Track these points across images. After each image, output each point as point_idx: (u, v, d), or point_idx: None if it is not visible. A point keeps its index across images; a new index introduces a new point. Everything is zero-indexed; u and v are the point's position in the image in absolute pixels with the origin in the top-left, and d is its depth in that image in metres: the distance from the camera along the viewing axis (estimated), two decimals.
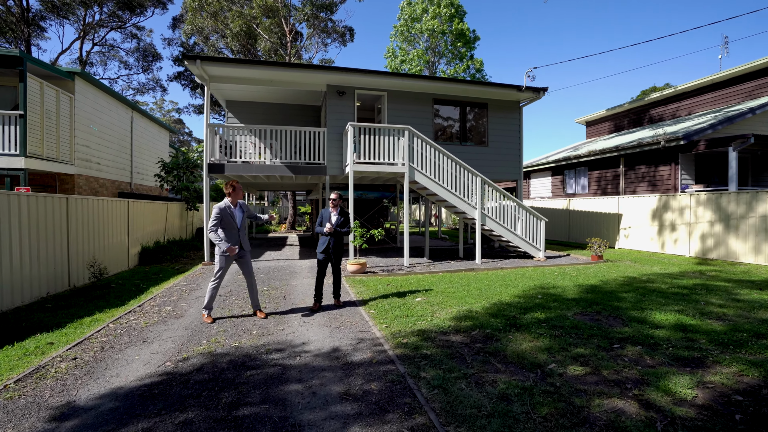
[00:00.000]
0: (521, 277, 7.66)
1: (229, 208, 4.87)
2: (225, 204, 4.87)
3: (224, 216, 4.83)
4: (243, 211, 5.01)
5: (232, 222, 4.88)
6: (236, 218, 4.92)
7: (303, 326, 4.60)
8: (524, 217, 10.15)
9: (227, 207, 4.86)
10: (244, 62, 9.31)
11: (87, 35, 31.10)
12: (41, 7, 29.07)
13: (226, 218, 4.83)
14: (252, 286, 5.14)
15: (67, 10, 29.49)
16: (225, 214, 4.82)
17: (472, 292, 6.32)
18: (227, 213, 4.84)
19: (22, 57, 8.40)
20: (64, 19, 30.28)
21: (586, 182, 17.18)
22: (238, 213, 4.94)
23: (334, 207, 5.49)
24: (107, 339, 4.16)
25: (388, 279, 7.57)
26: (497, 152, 12.02)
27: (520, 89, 11.14)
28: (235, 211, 4.92)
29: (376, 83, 10.55)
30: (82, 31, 30.59)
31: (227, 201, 4.90)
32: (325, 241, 5.40)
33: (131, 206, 9.25)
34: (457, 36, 28.50)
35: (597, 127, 21.77)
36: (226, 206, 4.84)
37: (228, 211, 4.85)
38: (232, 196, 4.89)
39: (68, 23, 30.93)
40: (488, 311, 5.14)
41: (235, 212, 4.92)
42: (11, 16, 27.61)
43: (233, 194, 4.89)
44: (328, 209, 5.53)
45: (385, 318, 4.89)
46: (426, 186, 9.33)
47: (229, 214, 4.85)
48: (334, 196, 5.45)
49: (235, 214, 4.92)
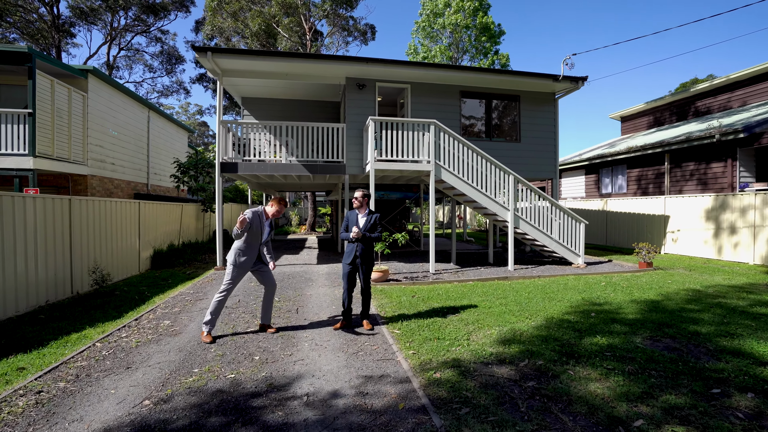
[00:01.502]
0: (564, 288, 6.73)
1: (263, 218, 4.38)
2: (262, 211, 4.40)
3: (254, 223, 4.28)
4: (271, 228, 4.54)
5: (259, 233, 4.36)
6: (264, 232, 4.41)
7: (314, 350, 3.89)
8: (561, 219, 9.16)
9: (263, 215, 4.38)
10: (257, 53, 8.74)
11: (114, 40, 31.76)
12: (70, 14, 29.80)
13: (255, 226, 4.29)
14: (269, 298, 4.56)
15: (94, 16, 30.18)
16: (257, 222, 4.30)
17: (510, 306, 5.46)
18: (258, 222, 4.32)
19: (30, 53, 8.09)
20: (92, 24, 31.01)
21: (624, 181, 15.88)
22: (267, 227, 4.44)
23: (360, 207, 4.69)
24: (87, 364, 3.56)
25: (413, 289, 6.79)
26: (530, 149, 11.04)
27: (556, 79, 10.14)
28: (265, 224, 4.41)
29: (398, 74, 9.79)
30: (109, 36, 31.24)
31: (266, 209, 4.43)
32: (352, 249, 4.58)
33: (143, 208, 8.82)
34: (481, 30, 27.41)
35: (634, 123, 20.30)
36: (262, 213, 4.38)
37: (261, 219, 4.36)
38: (275, 209, 4.40)
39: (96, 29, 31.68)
40: (535, 333, 4.28)
41: (266, 225, 4.42)
42: (43, 23, 28.45)
43: (276, 208, 4.39)
44: (354, 211, 4.73)
45: (411, 341, 4.12)
46: (453, 185, 8.50)
47: (260, 223, 4.34)
48: (359, 195, 4.65)
49: (265, 227, 4.41)
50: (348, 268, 4.61)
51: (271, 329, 4.52)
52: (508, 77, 10.21)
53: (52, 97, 8.74)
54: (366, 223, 4.59)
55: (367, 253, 4.61)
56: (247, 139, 9.33)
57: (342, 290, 4.74)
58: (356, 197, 4.66)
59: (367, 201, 4.71)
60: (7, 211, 5.30)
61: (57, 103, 8.92)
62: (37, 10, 27.86)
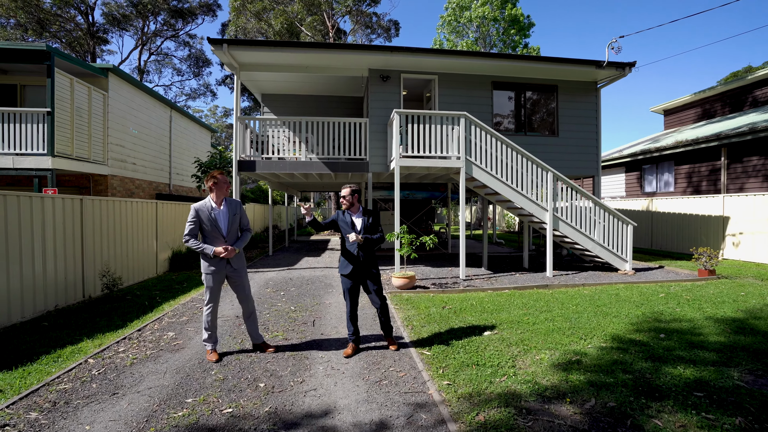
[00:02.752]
0: (616, 300, 5.86)
1: (210, 210, 3.60)
2: (204, 203, 3.62)
3: (202, 219, 3.58)
4: (232, 212, 3.70)
5: (215, 228, 3.60)
6: (220, 222, 3.63)
7: (330, 377, 3.28)
8: (604, 221, 8.22)
9: (207, 207, 3.60)
10: (273, 44, 8.28)
11: (144, 45, 32.63)
12: (104, 21, 30.79)
13: (205, 222, 3.58)
14: (249, 314, 3.85)
15: (126, 22, 31.05)
16: (203, 216, 3.57)
17: (558, 322, 4.69)
18: (207, 215, 3.58)
19: (49, 51, 7.94)
20: (124, 30, 31.93)
21: (671, 179, 14.55)
22: (223, 215, 3.64)
23: (351, 206, 3.85)
24: (71, 387, 3.09)
25: (443, 298, 6.10)
26: (569, 144, 10.10)
27: (599, 65, 9.16)
28: (218, 213, 3.63)
29: (425, 64, 9.10)
30: (140, 41, 32.09)
31: (208, 199, 3.66)
32: (352, 256, 3.77)
33: (160, 208, 8.53)
34: (510, 23, 26.28)
35: (679, 116, 18.72)
36: (204, 206, 3.60)
37: (207, 212, 3.59)
38: (215, 192, 3.62)
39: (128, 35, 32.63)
40: (597, 360, 3.52)
41: (219, 214, 3.63)
42: (80, 31, 29.52)
43: (216, 189, 3.61)
44: (347, 213, 3.86)
45: (445, 366, 3.45)
46: (486, 183, 7.74)
47: (209, 216, 3.58)
48: (346, 192, 3.81)
49: (219, 217, 3.63)
50: (348, 283, 3.80)
51: (270, 348, 3.89)
52: (545, 65, 9.32)
53: (71, 96, 8.60)
54: (364, 224, 3.80)
55: (369, 260, 3.82)
56: (265, 136, 8.90)
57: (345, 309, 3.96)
58: (344, 195, 3.82)
59: (358, 198, 3.90)
60: (12, 212, 5.00)
61: (76, 102, 8.78)
62: (74, 19, 28.93)
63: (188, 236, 3.60)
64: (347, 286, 3.83)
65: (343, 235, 3.84)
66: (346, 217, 3.84)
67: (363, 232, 3.78)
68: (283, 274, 8.41)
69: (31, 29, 25.23)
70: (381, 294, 3.88)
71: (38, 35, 26.24)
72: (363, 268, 3.80)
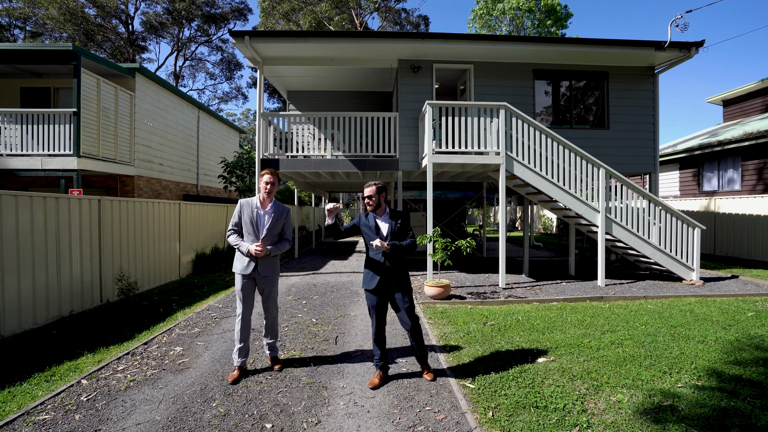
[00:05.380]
0: (693, 319, 4.91)
1: (254, 208, 3.31)
2: (250, 200, 3.36)
3: (244, 216, 3.28)
4: (276, 217, 3.34)
5: (254, 228, 3.30)
6: (260, 224, 3.29)
7: (352, 417, 2.66)
8: (663, 223, 7.18)
9: (252, 205, 3.33)
10: (297, 35, 7.81)
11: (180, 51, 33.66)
12: (142, 29, 31.98)
13: (245, 219, 3.28)
14: (269, 326, 3.49)
15: (163, 29, 32.12)
16: (246, 212, 3.30)
17: (628, 348, 3.86)
18: (249, 213, 3.28)
19: (75, 51, 7.85)
20: (161, 38, 33.07)
21: (736, 176, 12.99)
22: (265, 217, 3.30)
23: (377, 208, 3.22)
24: (50, 418, 2.64)
25: (482, 311, 5.36)
26: (621, 137, 9.04)
27: (660, 47, 8.07)
28: (261, 214, 3.29)
29: (460, 52, 8.35)
30: (175, 47, 33.10)
31: (256, 197, 3.36)
32: (378, 266, 3.16)
33: (183, 209, 8.27)
34: (546, 13, 24.90)
35: (742, 106, 16.88)
36: (249, 204, 3.33)
37: (251, 210, 3.30)
38: (268, 192, 3.32)
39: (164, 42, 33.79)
40: (697, 406, 2.70)
41: (262, 216, 3.29)
42: (120, 40, 30.82)
43: (270, 190, 3.32)
44: (371, 215, 3.24)
45: (496, 407, 2.75)
46: (528, 181, 6.93)
47: (251, 214, 3.29)
48: (371, 191, 3.18)
49: (261, 218, 3.29)
50: (373, 299, 3.18)
51: (277, 365, 3.48)
52: (594, 48, 8.31)
53: (98, 97, 8.51)
54: (391, 229, 3.17)
55: (398, 272, 3.17)
56: (289, 134, 8.47)
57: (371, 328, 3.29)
58: (368, 196, 3.18)
59: (385, 197, 3.27)
60: (24, 213, 4.75)
61: (103, 102, 8.70)
62: (116, 29, 30.23)
63: (230, 230, 3.39)
64: (372, 302, 3.19)
65: (366, 241, 3.22)
66: (370, 221, 3.21)
67: (390, 238, 3.15)
68: (308, 279, 7.92)
69: (78, 41, 26.46)
70: (412, 313, 3.21)
71: (84, 46, 27.52)
72: (390, 280, 3.16)
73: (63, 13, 24.95)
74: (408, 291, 3.22)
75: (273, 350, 3.53)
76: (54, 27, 26.71)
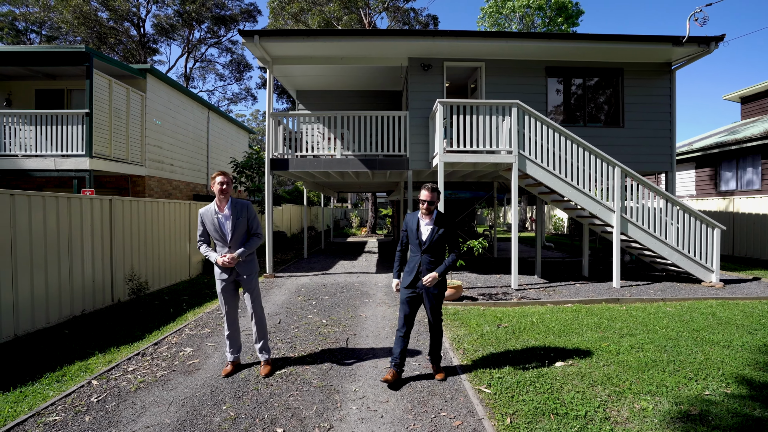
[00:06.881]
0: (716, 322, 4.74)
1: (213, 213, 3.26)
2: (208, 207, 3.31)
3: (207, 225, 3.29)
4: (236, 216, 3.27)
5: (220, 234, 3.26)
6: (224, 229, 3.25)
7: (365, 422, 2.59)
8: (681, 223, 6.98)
9: (210, 212, 3.27)
10: (307, 33, 7.76)
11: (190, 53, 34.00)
12: (153, 32, 32.37)
13: (209, 227, 3.29)
14: (259, 328, 3.42)
15: (174, 31, 32.49)
16: (207, 221, 3.28)
17: (649, 352, 3.72)
18: (210, 219, 3.26)
19: (88, 52, 7.91)
20: (172, 40, 33.44)
21: (756, 175, 12.63)
22: (225, 220, 3.25)
23: (427, 212, 3.15)
24: (60, 420, 2.61)
25: (495, 312, 5.25)
26: (636, 135, 8.82)
27: (678, 42, 7.86)
28: (221, 219, 3.25)
29: (470, 50, 8.23)
30: (186, 49, 33.43)
31: (213, 203, 3.31)
32: (414, 266, 3.15)
33: (194, 209, 8.30)
34: (556, 11, 24.59)
35: (761, 103, 16.44)
36: (208, 211, 3.29)
37: (211, 216, 3.26)
38: (222, 192, 3.25)
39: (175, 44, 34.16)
40: (729, 415, 2.57)
41: (222, 220, 3.25)
42: (132, 42, 31.25)
43: (222, 193, 3.24)
44: (416, 215, 3.23)
45: (514, 414, 2.65)
46: (541, 180, 6.79)
47: (212, 221, 3.25)
48: (427, 193, 3.10)
49: (223, 223, 3.25)
50: (409, 294, 3.15)
51: (265, 368, 3.39)
52: (609, 44, 8.11)
53: (109, 97, 8.58)
54: (432, 234, 3.11)
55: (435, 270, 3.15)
56: (299, 133, 8.43)
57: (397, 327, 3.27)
58: (428, 201, 3.10)
59: (436, 198, 3.17)
60: (36, 213, 4.77)
61: (115, 103, 8.76)
62: (128, 32, 30.64)
63: (199, 242, 3.38)
64: (405, 296, 3.19)
65: (408, 241, 3.27)
66: (413, 222, 3.21)
67: (428, 245, 3.11)
68: (317, 279, 7.87)
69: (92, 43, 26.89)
70: (439, 319, 3.24)
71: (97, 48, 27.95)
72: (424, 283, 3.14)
73: (77, 17, 25.38)
74: (441, 294, 3.20)
75: (263, 353, 3.44)
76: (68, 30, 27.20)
